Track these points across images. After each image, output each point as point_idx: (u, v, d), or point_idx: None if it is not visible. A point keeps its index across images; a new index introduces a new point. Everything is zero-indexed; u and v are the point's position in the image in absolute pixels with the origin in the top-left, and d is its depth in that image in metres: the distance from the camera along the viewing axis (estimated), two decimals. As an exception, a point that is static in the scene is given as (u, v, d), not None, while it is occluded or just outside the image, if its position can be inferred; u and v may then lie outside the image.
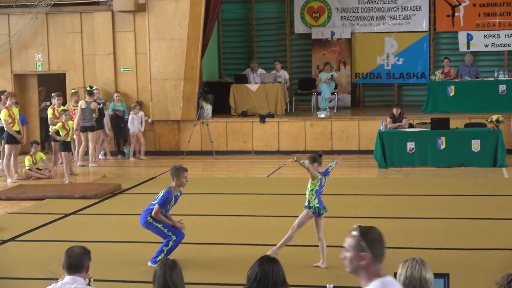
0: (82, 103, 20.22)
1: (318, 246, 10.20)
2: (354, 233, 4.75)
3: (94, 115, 20.27)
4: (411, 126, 19.50)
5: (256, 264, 5.64)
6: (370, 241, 4.69)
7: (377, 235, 4.79)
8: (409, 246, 10.87)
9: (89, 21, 22.39)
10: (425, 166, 18.64)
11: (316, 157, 10.25)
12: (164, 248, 10.20)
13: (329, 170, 10.46)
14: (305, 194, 10.34)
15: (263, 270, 5.60)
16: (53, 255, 10.18)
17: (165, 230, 10.23)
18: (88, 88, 20.99)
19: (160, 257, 10.01)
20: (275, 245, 10.58)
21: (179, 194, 10.54)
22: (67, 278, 6.07)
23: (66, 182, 17.62)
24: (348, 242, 4.74)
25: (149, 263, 10.19)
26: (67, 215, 13.87)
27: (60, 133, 18.36)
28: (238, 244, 11.27)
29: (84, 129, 20.39)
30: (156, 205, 10.23)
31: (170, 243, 10.22)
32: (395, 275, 5.35)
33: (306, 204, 10.20)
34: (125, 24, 22.17)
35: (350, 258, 4.72)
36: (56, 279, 6.29)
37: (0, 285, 9.74)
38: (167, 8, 21.59)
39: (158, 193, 10.52)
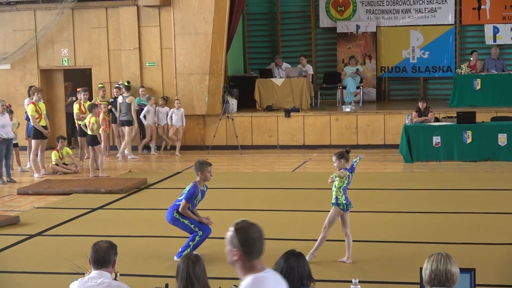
0: (120, 98, 20.49)
1: (344, 241, 10.18)
2: (231, 228, 4.90)
3: (131, 110, 20.52)
4: (437, 120, 19.40)
5: (281, 259, 5.65)
6: (243, 238, 4.83)
7: (252, 233, 4.92)
8: (434, 240, 10.82)
9: (115, 16, 22.46)
10: (451, 160, 18.55)
11: (343, 153, 10.22)
12: (190, 243, 10.22)
13: (354, 166, 10.43)
14: (330, 189, 10.32)
15: (289, 265, 5.61)
16: (80, 249, 10.25)
17: (192, 226, 10.25)
18: (126, 84, 21.13)
19: (186, 251, 10.04)
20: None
21: (205, 189, 10.56)
22: (94, 272, 6.10)
23: (91, 176, 17.75)
24: (226, 236, 4.90)
25: (175, 258, 10.21)
26: (93, 209, 13.94)
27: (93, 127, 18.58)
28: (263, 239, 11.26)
29: (122, 124, 20.61)
30: (183, 200, 10.24)
31: (197, 238, 10.24)
32: (421, 270, 5.34)
33: (334, 201, 10.18)
34: (150, 19, 22.22)
35: (227, 252, 4.86)
36: (83, 274, 6.33)
37: (28, 279, 9.82)
38: (192, 2, 21.61)
39: (183, 188, 10.53)
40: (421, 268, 5.32)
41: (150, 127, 21.49)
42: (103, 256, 6.08)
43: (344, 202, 10.14)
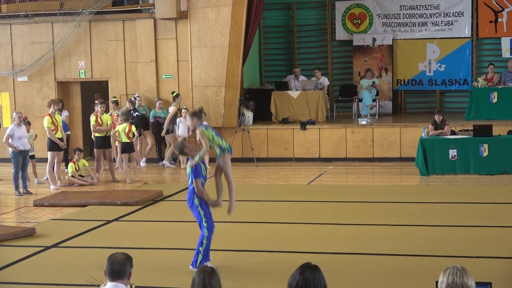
0: (173, 108, 21.04)
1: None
2: None
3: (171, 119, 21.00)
4: (453, 133, 19.35)
5: (297, 272, 5.63)
6: None
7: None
8: (451, 254, 10.77)
9: (132, 29, 22.56)
10: (467, 173, 18.48)
11: (197, 112, 10.67)
12: (200, 248, 10.18)
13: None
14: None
15: (304, 278, 5.58)
16: (95, 261, 10.26)
17: (204, 219, 10.20)
18: (174, 94, 21.24)
19: (199, 258, 10.06)
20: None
21: (199, 157, 10.46)
22: (109, 284, 6.10)
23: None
24: None
25: (190, 267, 10.20)
26: (109, 221, 13.96)
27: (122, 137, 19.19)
28: (278, 252, 11.26)
29: (166, 132, 21.08)
30: (194, 180, 10.21)
31: (204, 241, 10.19)
32: (436, 283, 5.32)
33: (220, 151, 10.72)
34: (167, 32, 22.30)
35: None
36: (98, 286, 6.34)
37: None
38: (209, 15, 21.68)
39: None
40: (437, 282, 5.30)
41: (175, 139, 21.47)
42: (119, 268, 6.08)
43: (226, 146, 10.69)
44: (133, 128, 19.41)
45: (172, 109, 21.10)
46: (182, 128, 21.09)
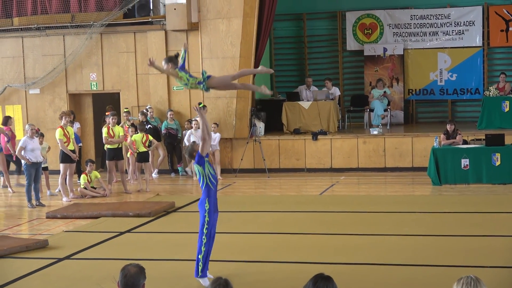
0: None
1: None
2: None
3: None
4: (465, 142, 19.32)
5: (310, 282, 5.61)
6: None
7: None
8: (464, 264, 10.74)
9: (143, 41, 22.64)
10: (480, 183, 18.43)
11: (172, 57, 10.67)
12: (199, 256, 10.12)
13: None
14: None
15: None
16: (108, 273, 10.27)
17: (206, 226, 10.15)
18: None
19: (200, 266, 10.02)
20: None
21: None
22: (122, 296, 6.10)
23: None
24: None
25: (195, 276, 10.18)
26: (121, 233, 13.98)
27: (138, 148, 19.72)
28: (291, 262, 11.25)
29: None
30: (197, 166, 10.21)
31: (203, 249, 10.13)
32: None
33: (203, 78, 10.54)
34: (178, 43, 22.34)
35: None
36: (111, 297, 6.34)
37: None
38: (220, 27, 21.73)
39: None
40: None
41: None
42: (133, 281, 6.07)
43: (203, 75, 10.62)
44: (150, 137, 19.83)
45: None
46: (193, 139, 21.13)
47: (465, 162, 18.53)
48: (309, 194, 18.56)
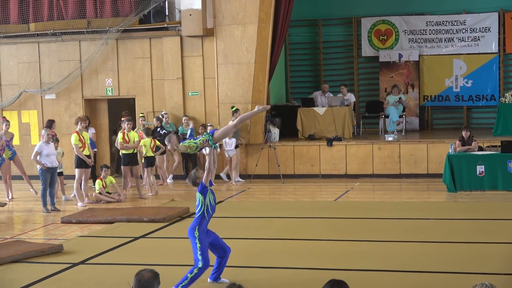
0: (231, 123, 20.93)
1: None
2: None
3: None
4: (480, 149, 19.25)
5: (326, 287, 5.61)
6: None
7: None
8: (479, 271, 10.69)
9: (158, 46, 22.69)
10: (495, 189, 18.35)
11: (172, 136, 10.78)
12: (189, 275, 10.00)
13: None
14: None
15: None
16: (122, 278, 10.29)
17: (199, 252, 10.07)
18: (233, 108, 21.32)
19: (184, 282, 9.92)
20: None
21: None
22: (137, 302, 6.12)
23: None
24: None
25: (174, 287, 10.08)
26: (136, 238, 14.00)
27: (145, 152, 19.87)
28: (305, 268, 11.23)
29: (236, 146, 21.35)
30: (199, 194, 10.21)
31: (195, 271, 10.03)
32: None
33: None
34: (193, 49, 22.41)
35: None
36: (126, 303, 6.35)
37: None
38: (235, 32, 21.77)
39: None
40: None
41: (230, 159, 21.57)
42: (147, 286, 6.09)
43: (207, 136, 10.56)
44: (157, 142, 20.04)
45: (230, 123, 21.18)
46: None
47: (480, 168, 18.47)
48: (324, 200, 18.53)
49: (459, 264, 11.23)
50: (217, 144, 10.68)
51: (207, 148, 10.42)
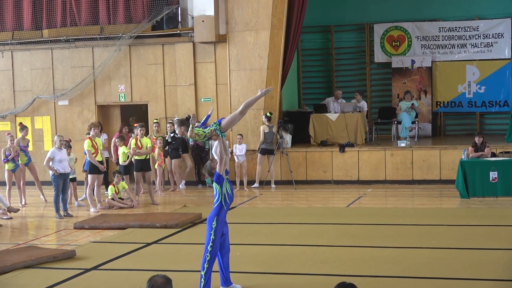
0: (264, 127, 21.30)
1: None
2: None
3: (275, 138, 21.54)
4: (493, 155, 19.20)
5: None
6: None
7: None
8: (492, 278, 10.66)
9: (171, 53, 22.74)
10: (509, 196, 18.29)
11: (184, 120, 10.78)
12: (202, 273, 10.08)
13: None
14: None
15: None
16: (135, 284, 10.31)
17: (211, 244, 10.10)
18: (268, 114, 21.34)
19: (202, 282, 9.96)
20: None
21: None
22: (149, 307, 6.12)
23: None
24: None
25: None
26: (148, 244, 14.02)
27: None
28: (318, 275, 11.22)
29: (264, 152, 21.36)
30: (215, 184, 10.26)
31: (205, 266, 10.08)
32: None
33: None
34: (206, 55, 22.44)
35: None
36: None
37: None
38: (247, 39, 21.80)
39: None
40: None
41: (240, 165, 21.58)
42: (159, 292, 6.10)
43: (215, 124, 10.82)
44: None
45: (262, 128, 21.31)
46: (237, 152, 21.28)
47: (493, 175, 18.41)
48: (336, 206, 18.52)
49: (472, 271, 11.19)
50: (225, 133, 10.76)
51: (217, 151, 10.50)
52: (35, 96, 23.72)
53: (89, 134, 19.06)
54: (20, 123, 21.27)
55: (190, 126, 10.76)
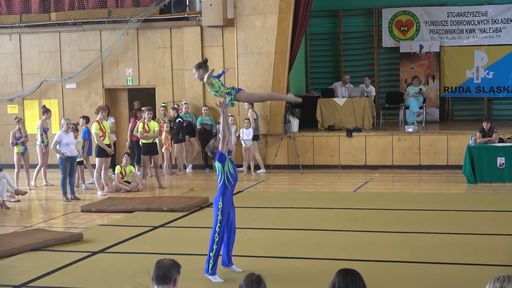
0: (252, 114, 21.26)
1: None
2: None
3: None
4: (501, 140, 19.16)
5: (336, 277, 5.60)
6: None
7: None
8: (499, 263, 10.66)
9: (179, 36, 22.71)
10: (516, 181, 18.30)
11: (201, 64, 10.85)
12: (210, 254, 10.12)
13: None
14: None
15: (344, 283, 5.55)
16: (142, 267, 10.34)
17: (218, 225, 10.14)
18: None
19: (210, 264, 10.02)
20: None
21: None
22: (155, 289, 6.13)
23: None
24: None
25: (204, 273, 10.16)
26: (155, 227, 14.04)
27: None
28: (325, 259, 11.23)
29: (257, 138, 21.40)
30: (217, 163, 10.26)
31: (214, 247, 10.12)
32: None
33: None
34: (213, 39, 22.41)
35: None
36: (145, 291, 6.37)
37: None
38: (255, 23, 21.75)
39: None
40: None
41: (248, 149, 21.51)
42: (164, 273, 6.09)
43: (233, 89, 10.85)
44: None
45: (251, 114, 21.33)
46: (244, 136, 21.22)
47: (501, 160, 18.38)
48: (343, 191, 18.53)
49: (478, 256, 11.20)
50: (232, 102, 10.72)
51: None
52: (43, 79, 23.73)
53: (80, 123, 19.38)
54: (44, 106, 21.23)
55: (207, 73, 10.74)
